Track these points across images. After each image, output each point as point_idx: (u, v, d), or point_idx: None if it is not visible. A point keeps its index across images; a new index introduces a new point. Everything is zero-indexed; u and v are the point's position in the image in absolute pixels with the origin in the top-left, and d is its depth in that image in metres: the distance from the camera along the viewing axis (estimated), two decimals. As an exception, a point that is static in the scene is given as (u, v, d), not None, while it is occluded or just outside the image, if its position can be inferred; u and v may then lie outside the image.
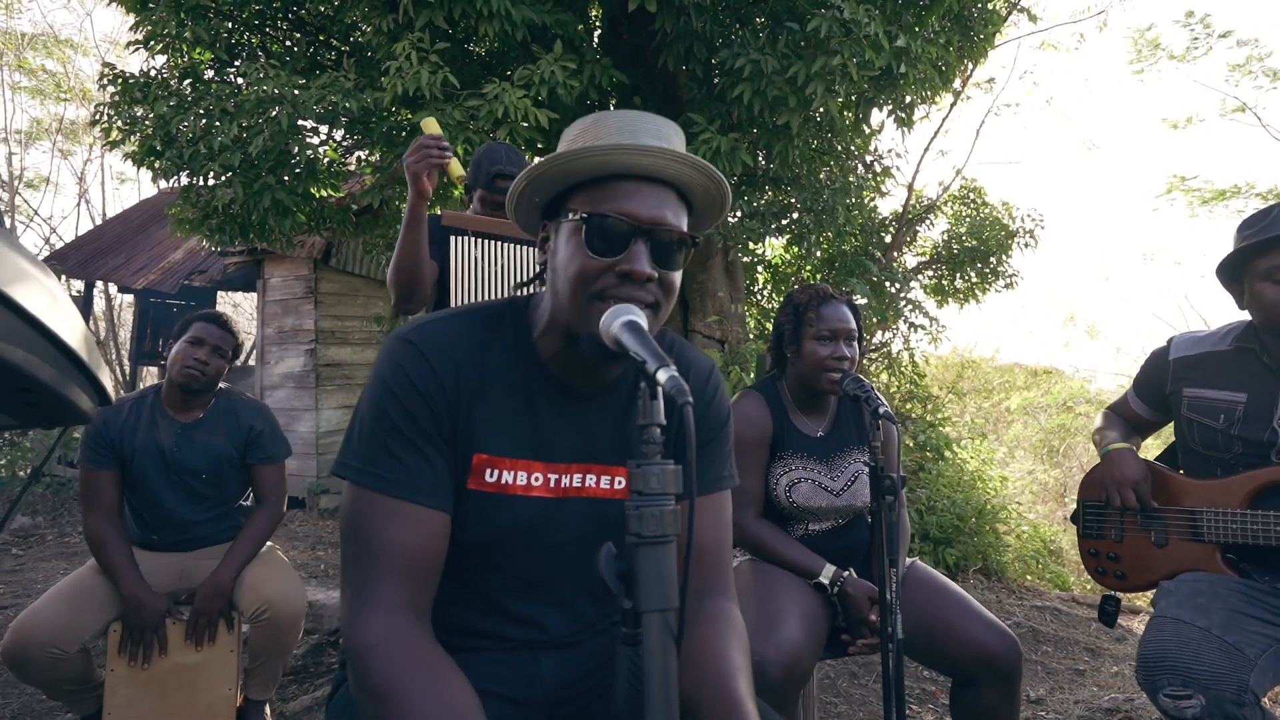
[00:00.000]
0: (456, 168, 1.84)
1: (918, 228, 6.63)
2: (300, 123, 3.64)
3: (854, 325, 1.80)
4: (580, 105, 3.93)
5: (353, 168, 4.69)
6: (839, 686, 2.81)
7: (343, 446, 0.92)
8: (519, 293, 1.08)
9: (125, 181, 14.50)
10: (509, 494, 0.94)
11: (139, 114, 3.88)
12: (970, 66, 5.36)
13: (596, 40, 4.61)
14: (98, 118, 3.86)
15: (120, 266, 8.01)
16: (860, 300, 5.57)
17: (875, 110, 4.37)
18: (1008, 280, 6.58)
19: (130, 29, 3.96)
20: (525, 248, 2.07)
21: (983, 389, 10.94)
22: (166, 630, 2.04)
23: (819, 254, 5.69)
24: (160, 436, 2.17)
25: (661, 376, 0.71)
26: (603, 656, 1.05)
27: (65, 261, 8.61)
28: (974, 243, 6.40)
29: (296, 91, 3.42)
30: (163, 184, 4.16)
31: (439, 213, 2.02)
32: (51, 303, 0.99)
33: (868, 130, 4.70)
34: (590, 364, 0.92)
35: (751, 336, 5.58)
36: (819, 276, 5.98)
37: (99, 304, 10.76)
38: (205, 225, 4.07)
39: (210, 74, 4.11)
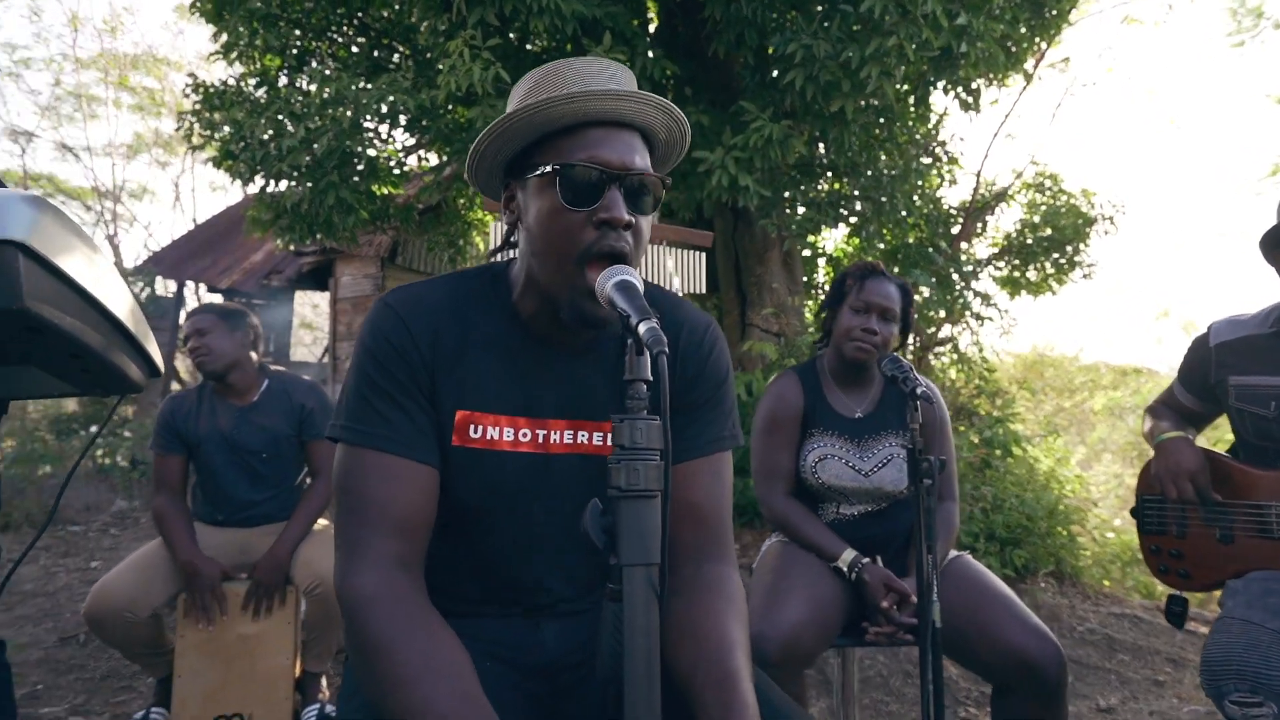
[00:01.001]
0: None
1: (987, 217, 6.34)
2: (363, 123, 3.78)
3: (895, 305, 1.74)
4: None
5: (411, 167, 4.84)
6: (891, 685, 2.73)
7: (334, 412, 0.94)
8: (494, 258, 1.07)
9: (217, 190, 15.41)
10: (495, 449, 0.94)
11: (217, 120, 4.12)
12: (1043, 45, 5.09)
13: (652, 33, 4.61)
14: (180, 125, 4.11)
15: (208, 268, 8.52)
16: (924, 292, 5.39)
17: (936, 93, 4.22)
18: (1086, 270, 6.23)
19: (211, 38, 4.20)
20: (675, 249, 2.09)
21: (1065, 388, 10.40)
22: (225, 594, 2.16)
23: (881, 245, 5.54)
24: (221, 422, 2.30)
25: (642, 328, 0.70)
26: (582, 625, 1.04)
27: (160, 264, 9.21)
28: (1049, 231, 6.09)
29: (357, 93, 3.56)
30: (251, 189, 4.38)
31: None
32: (98, 275, 1.06)
33: (929, 114, 4.54)
34: (567, 327, 0.92)
35: (810, 330, 5.47)
36: (881, 268, 5.81)
37: (190, 303, 11.47)
38: (277, 225, 4.28)
39: (282, 79, 4.32)
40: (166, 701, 2.20)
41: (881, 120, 4.20)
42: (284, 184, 4.11)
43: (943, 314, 5.59)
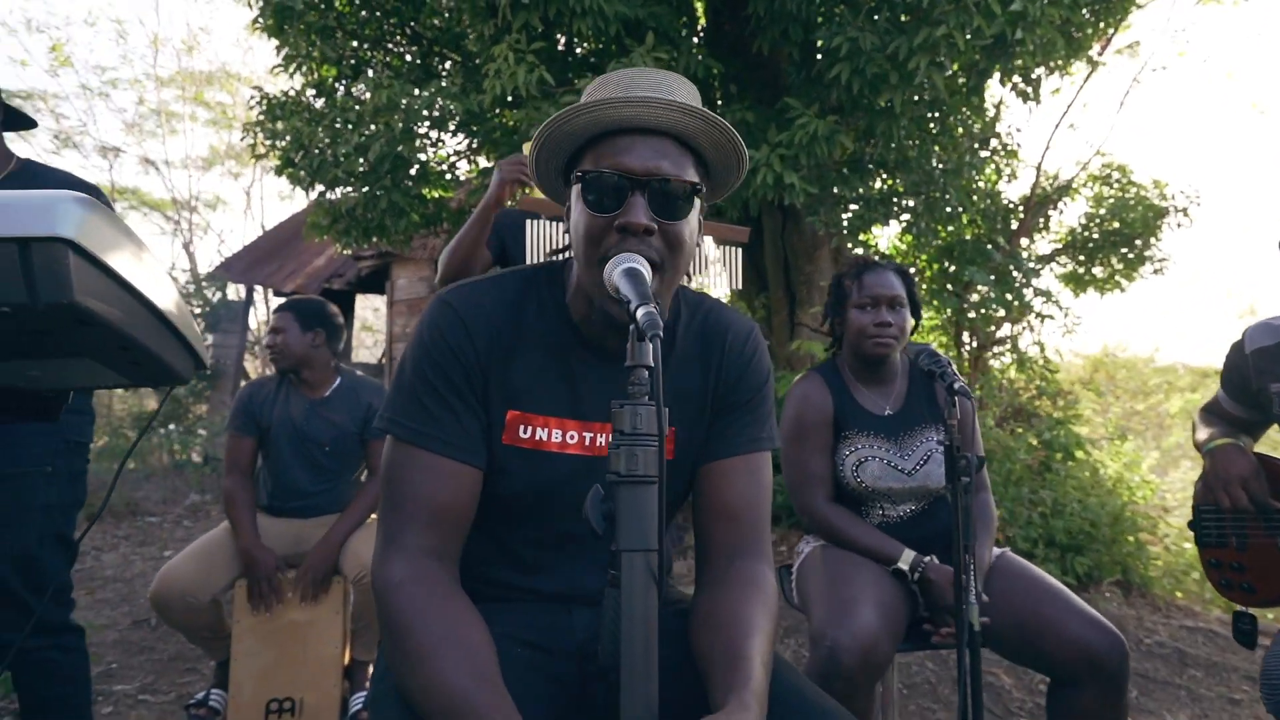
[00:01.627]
0: (536, 195, 1.95)
1: (1049, 211, 6.09)
2: (414, 129, 3.89)
3: (899, 291, 1.72)
4: (675, 96, 3.94)
5: (463, 174, 4.94)
6: (940, 693, 2.65)
7: (384, 404, 0.97)
8: (555, 258, 1.10)
9: (285, 199, 16.07)
10: (544, 450, 0.96)
11: (279, 129, 4.30)
12: (1109, 30, 4.87)
13: (700, 32, 4.60)
14: (244, 135, 4.31)
15: (274, 272, 8.89)
16: (982, 290, 5.21)
17: (992, 83, 4.08)
18: (1157, 265, 5.91)
19: (274, 52, 4.39)
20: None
21: (1140, 390, 9.90)
22: (280, 584, 2.25)
23: (937, 242, 5.38)
24: (293, 411, 2.43)
25: (639, 313, 0.71)
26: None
27: (230, 269, 9.67)
28: (1116, 225, 5.81)
29: (408, 99, 3.66)
30: (311, 195, 4.56)
31: (510, 202, 2.10)
32: (145, 273, 1.12)
33: (984, 106, 4.39)
34: (603, 330, 0.93)
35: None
36: (935, 266, 5.64)
37: (259, 306, 11.99)
38: (334, 229, 4.43)
39: (339, 89, 4.48)
40: (225, 684, 2.31)
41: (933, 113, 4.08)
42: (340, 190, 4.26)
43: (1001, 313, 5.40)
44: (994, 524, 1.72)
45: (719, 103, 4.08)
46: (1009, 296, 5.11)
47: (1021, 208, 5.85)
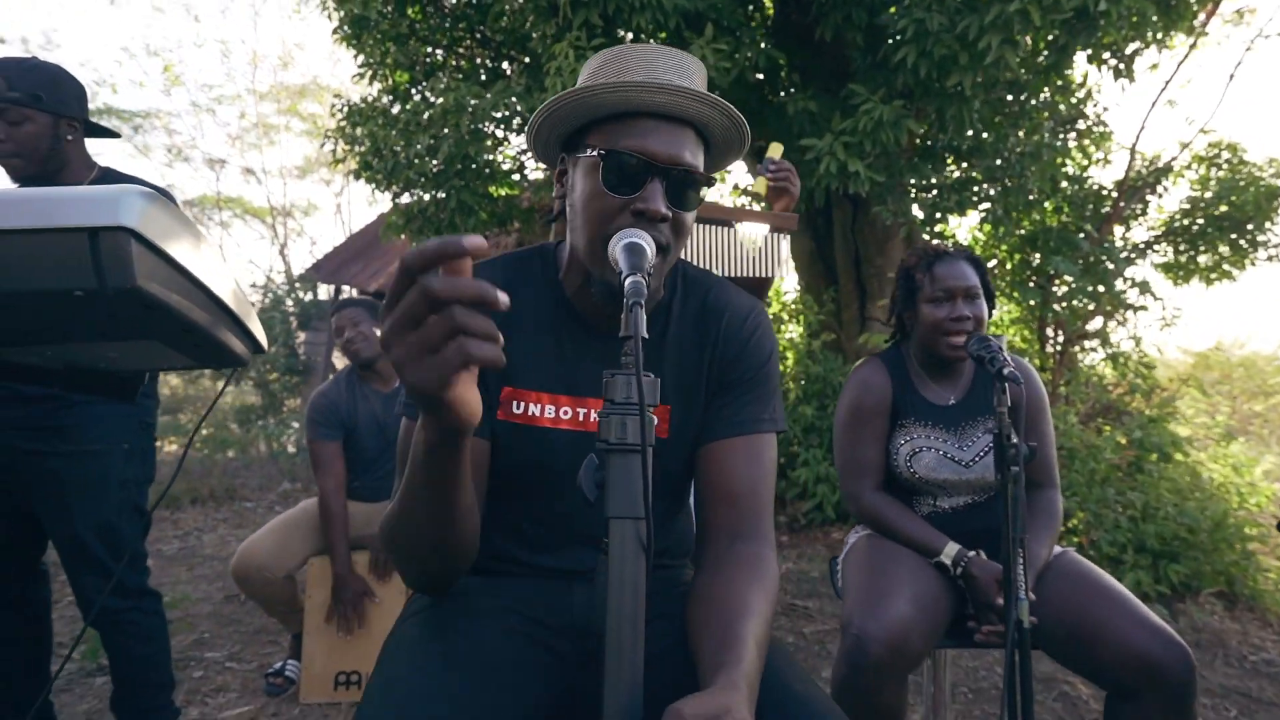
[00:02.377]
0: None
1: (1147, 196, 5.68)
2: (481, 129, 4.01)
3: (974, 281, 1.63)
4: (736, 86, 3.90)
5: (530, 173, 5.05)
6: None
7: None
8: (550, 230, 1.11)
9: (372, 204, 16.85)
10: (536, 426, 0.98)
11: (359, 135, 4.51)
12: (1214, -2, 4.51)
13: (766, 22, 4.54)
14: (324, 141, 4.55)
15: (359, 273, 9.34)
16: (1068, 280, 4.92)
17: (1079, 60, 3.85)
18: (1272, 252, 5.42)
19: (354, 60, 4.62)
20: (714, 227, 2.07)
21: (1259, 389, 9.11)
22: (362, 610, 2.38)
23: (1020, 231, 5.11)
24: (374, 407, 2.55)
25: (627, 283, 0.71)
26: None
27: (320, 271, 10.21)
28: (1225, 209, 5.35)
29: (476, 101, 3.78)
30: (389, 196, 4.77)
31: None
32: (203, 260, 1.20)
33: (1070, 85, 4.15)
34: (599, 306, 0.94)
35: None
36: (1017, 257, 5.37)
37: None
38: (409, 229, 4.62)
39: (414, 94, 4.66)
40: (300, 656, 2.46)
41: (1011, 95, 3.89)
42: (414, 191, 4.43)
43: (1091, 305, 5.09)
44: (1057, 523, 1.63)
45: (781, 93, 4.02)
46: (1098, 288, 4.81)
47: (1114, 193, 5.48)
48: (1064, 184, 5.19)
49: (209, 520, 5.50)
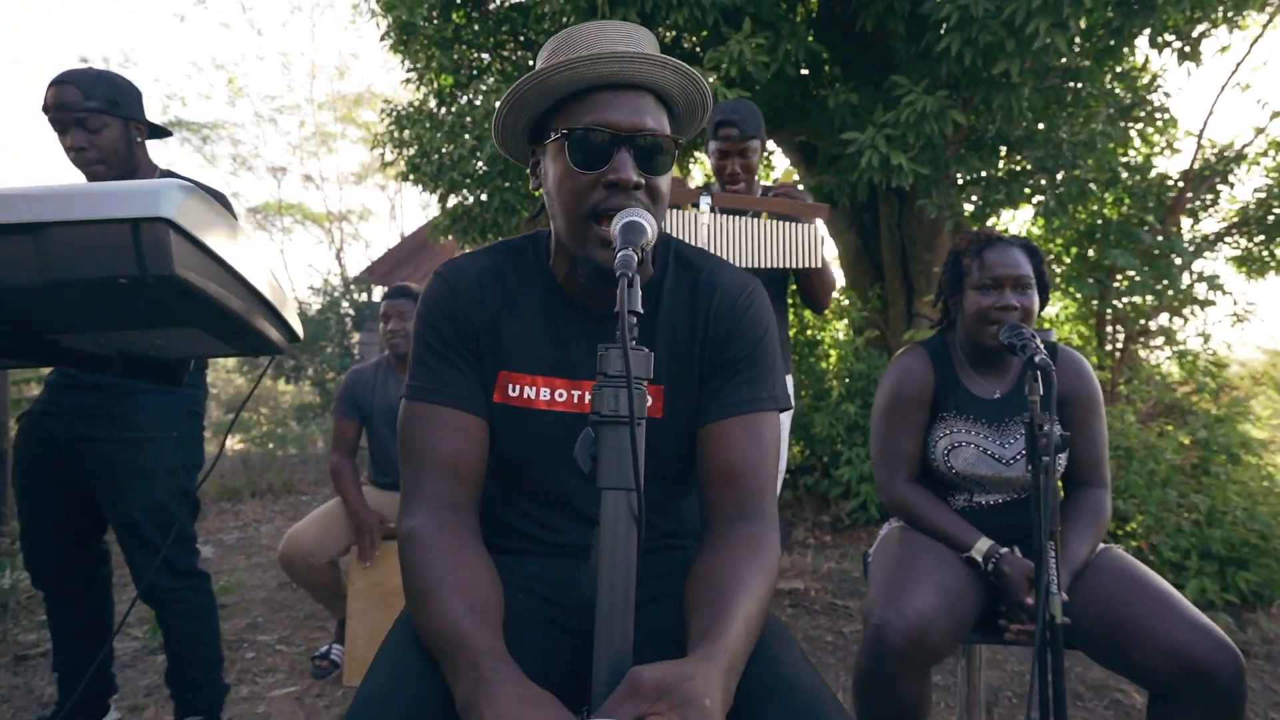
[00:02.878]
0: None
1: (1218, 186, 5.39)
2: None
3: (1026, 271, 1.57)
4: (777, 81, 3.87)
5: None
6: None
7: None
8: (534, 225, 1.12)
9: (425, 208, 17.29)
10: (533, 408, 1.00)
11: (406, 139, 4.64)
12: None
13: (809, 15, 4.48)
14: (374, 146, 4.69)
15: (411, 274, 9.59)
16: (1130, 274, 4.70)
17: (1138, 45, 3.68)
18: (1355, 243, 5.08)
19: (400, 66, 4.76)
20: (687, 211, 2.06)
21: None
22: (385, 549, 2.44)
23: (1077, 224, 4.91)
24: (391, 394, 2.62)
25: (618, 256, 0.72)
26: (648, 573, 1.05)
27: (374, 273, 10.53)
28: (1303, 197, 5.04)
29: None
30: (436, 198, 4.89)
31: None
32: (239, 251, 1.26)
33: (1129, 71, 3.97)
34: (588, 288, 0.94)
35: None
36: (1074, 251, 5.16)
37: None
38: (455, 229, 4.72)
39: (463, 98, 4.77)
40: (344, 639, 2.54)
41: (1064, 81, 3.75)
42: (459, 192, 4.53)
43: (1154, 301, 4.86)
44: (1103, 523, 1.56)
45: (823, 88, 3.96)
46: (1164, 283, 4.59)
47: (1180, 183, 5.22)
48: (1125, 174, 4.98)
49: (267, 512, 5.73)
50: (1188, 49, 4.06)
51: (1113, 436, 3.60)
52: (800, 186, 1.94)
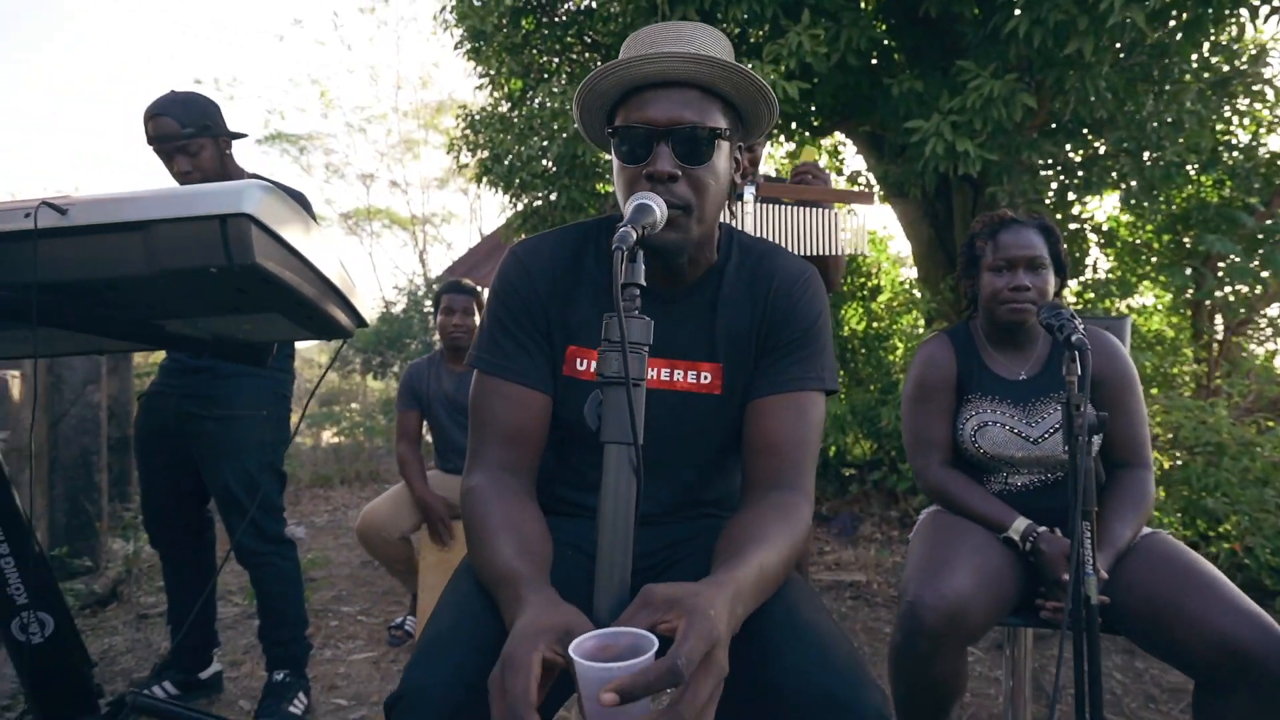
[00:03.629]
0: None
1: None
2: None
3: (1039, 252, 1.56)
4: (839, 71, 3.84)
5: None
6: (1125, 705, 2.35)
7: (473, 346, 1.13)
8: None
9: (504, 210, 17.83)
10: (594, 381, 1.05)
11: (480, 141, 4.84)
12: None
13: (873, 4, 4.42)
14: (450, 149, 4.92)
15: (489, 273, 9.95)
16: (1234, 260, 4.40)
17: (1232, 14, 3.45)
18: None
19: (470, 71, 4.97)
20: (731, 202, 2.11)
21: None
22: (451, 526, 2.60)
23: (1169, 207, 4.63)
24: (445, 385, 2.80)
25: (617, 233, 0.79)
26: (681, 536, 1.11)
27: (455, 272, 10.96)
28: None
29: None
30: (507, 198, 5.09)
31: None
32: (312, 243, 1.41)
33: (1230, 43, 3.73)
34: (651, 268, 0.99)
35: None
36: (1166, 237, 4.87)
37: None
38: (525, 228, 4.90)
39: (537, 100, 4.94)
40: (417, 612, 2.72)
41: (1150, 59, 3.56)
42: (530, 192, 4.70)
43: (1259, 290, 4.53)
44: (1146, 505, 1.53)
45: (887, 77, 3.90)
46: (1270, 270, 4.27)
47: (1290, 162, 4.83)
48: (1226, 155, 4.66)
49: (355, 498, 6.10)
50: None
51: (1203, 431, 3.39)
52: (843, 174, 1.97)
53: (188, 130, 1.88)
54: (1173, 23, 3.31)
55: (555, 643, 0.71)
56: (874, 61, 4.27)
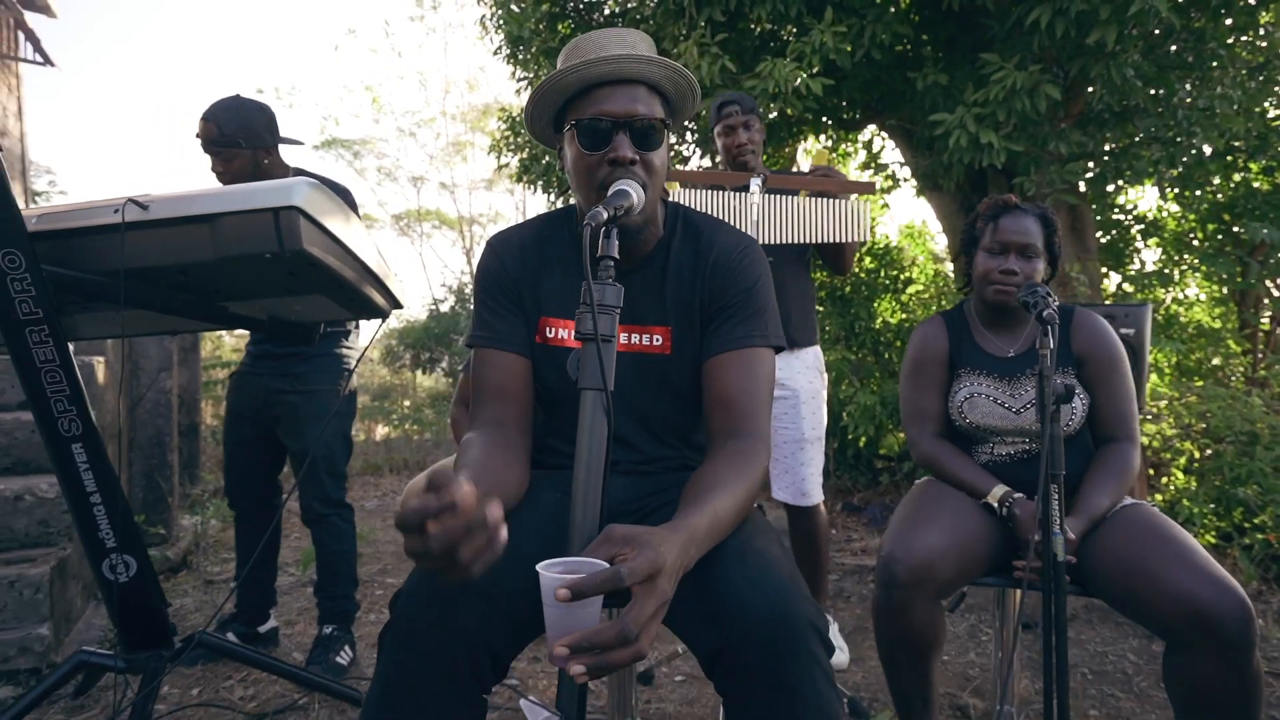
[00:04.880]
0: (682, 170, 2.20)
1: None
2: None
3: (1036, 239, 1.65)
4: (865, 67, 3.91)
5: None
6: (1135, 685, 2.38)
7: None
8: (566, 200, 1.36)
9: (550, 207, 18.17)
10: (564, 346, 1.23)
11: (519, 143, 5.05)
12: None
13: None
14: (492, 149, 5.13)
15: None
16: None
17: None
18: None
19: (510, 77, 5.18)
20: (739, 194, 2.26)
21: None
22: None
23: (1217, 194, 4.54)
24: None
25: (591, 210, 0.94)
26: (660, 485, 1.26)
27: (500, 271, 11.29)
28: None
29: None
30: (547, 195, 5.30)
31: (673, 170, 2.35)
32: (352, 233, 1.60)
33: (1264, 24, 3.67)
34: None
35: (1104, 291, 4.74)
36: (1210, 226, 4.76)
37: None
38: (562, 224, 5.09)
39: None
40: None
41: (1184, 45, 3.53)
42: (566, 190, 4.89)
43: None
44: (1127, 476, 1.60)
45: (912, 71, 3.95)
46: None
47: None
48: (1276, 140, 4.54)
49: (402, 485, 6.41)
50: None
51: (1235, 420, 3.36)
52: (881, 167, 2.11)
53: (222, 139, 2.11)
54: (1206, 5, 3.28)
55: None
56: (905, 52, 4.31)
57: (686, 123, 1.94)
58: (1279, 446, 3.25)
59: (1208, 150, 3.65)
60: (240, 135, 2.11)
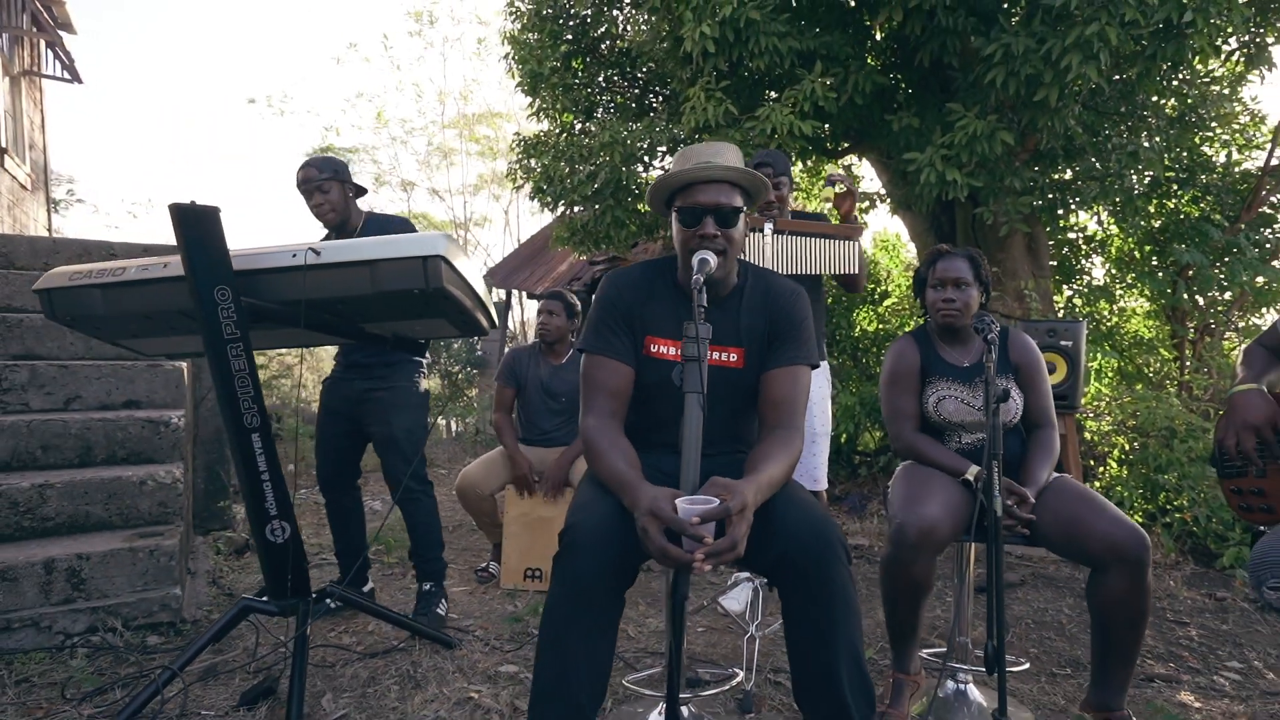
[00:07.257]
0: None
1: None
2: (632, 154, 4.86)
3: (966, 274, 2.17)
4: (847, 110, 4.46)
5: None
6: (1067, 630, 2.93)
7: (580, 338, 1.80)
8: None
9: (535, 214, 18.58)
10: (664, 359, 1.71)
11: (533, 165, 5.53)
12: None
13: (876, 52, 5.03)
14: (508, 173, 5.60)
15: (527, 278, 10.66)
16: (1211, 271, 4.93)
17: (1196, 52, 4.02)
18: None
19: (527, 106, 5.67)
20: (755, 234, 2.77)
21: None
22: (533, 484, 3.28)
23: (1144, 223, 5.19)
24: (541, 372, 3.48)
25: (693, 278, 1.45)
26: (720, 466, 1.75)
27: (493, 276, 11.70)
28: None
29: (627, 134, 4.64)
30: (557, 213, 5.78)
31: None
32: (468, 269, 2.09)
33: (1183, 84, 4.29)
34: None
35: (1057, 308, 5.36)
36: (1147, 249, 5.41)
37: (514, 308, 14.18)
38: (572, 240, 5.57)
39: (578, 128, 5.63)
40: (499, 558, 3.40)
41: (1115, 99, 4.13)
42: (576, 209, 5.38)
43: (1227, 296, 5.07)
44: (1053, 454, 2.13)
45: (887, 114, 4.51)
46: (1236, 279, 4.81)
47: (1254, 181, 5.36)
48: (1203, 174, 5.21)
49: (441, 476, 6.82)
50: (1252, 53, 4.33)
51: (1158, 419, 3.96)
52: (857, 209, 2.66)
53: (324, 175, 2.65)
54: (1126, 72, 3.89)
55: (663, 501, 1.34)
56: (884, 92, 4.88)
57: None
58: (1193, 440, 3.86)
59: (1136, 188, 4.26)
60: (336, 171, 2.66)
